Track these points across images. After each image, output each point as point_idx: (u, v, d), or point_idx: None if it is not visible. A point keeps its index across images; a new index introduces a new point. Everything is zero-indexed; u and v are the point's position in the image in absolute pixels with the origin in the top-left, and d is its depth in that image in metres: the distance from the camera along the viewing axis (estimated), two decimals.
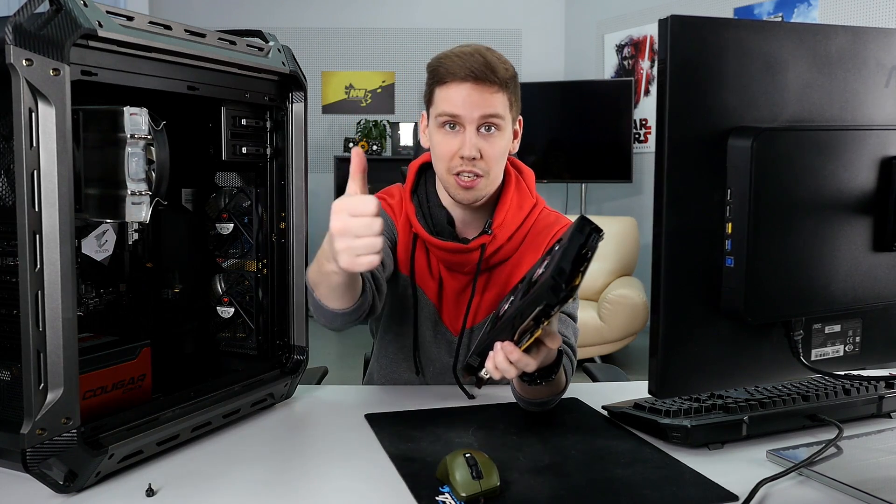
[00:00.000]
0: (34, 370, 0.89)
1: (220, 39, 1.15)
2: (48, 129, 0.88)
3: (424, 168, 1.49)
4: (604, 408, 1.29)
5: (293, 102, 1.32)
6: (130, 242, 1.28)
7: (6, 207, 0.99)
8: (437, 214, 1.43)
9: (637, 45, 5.28)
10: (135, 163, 1.05)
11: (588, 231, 0.92)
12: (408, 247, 1.44)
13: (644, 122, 5.25)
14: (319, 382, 1.62)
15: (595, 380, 1.68)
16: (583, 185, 5.36)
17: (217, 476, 1.04)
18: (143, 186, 1.07)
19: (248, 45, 1.20)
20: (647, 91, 5.24)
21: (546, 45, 5.93)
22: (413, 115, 5.87)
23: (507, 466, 1.04)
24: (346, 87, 5.99)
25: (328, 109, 5.99)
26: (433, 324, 1.47)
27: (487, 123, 1.31)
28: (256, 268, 1.38)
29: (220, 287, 1.42)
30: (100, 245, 1.22)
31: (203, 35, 1.11)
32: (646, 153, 5.21)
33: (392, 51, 5.95)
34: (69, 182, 0.90)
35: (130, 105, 1.05)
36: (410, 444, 1.14)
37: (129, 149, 1.04)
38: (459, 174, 1.32)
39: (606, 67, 5.49)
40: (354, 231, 0.95)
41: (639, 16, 5.23)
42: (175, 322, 1.39)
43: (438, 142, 1.34)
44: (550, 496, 0.97)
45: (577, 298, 1.35)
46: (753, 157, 0.80)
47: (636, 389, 1.39)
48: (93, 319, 1.22)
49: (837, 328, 0.93)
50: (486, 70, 1.28)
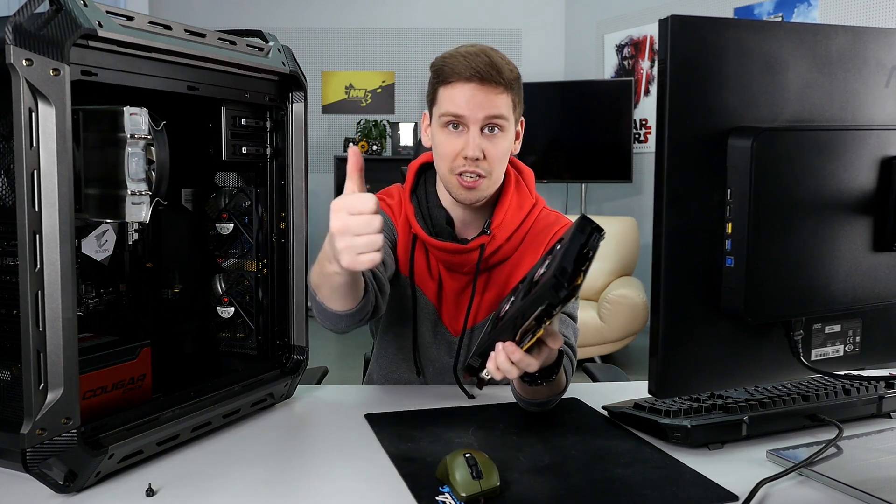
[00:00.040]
0: (34, 370, 0.89)
1: (220, 39, 1.15)
2: (48, 129, 0.87)
3: (424, 168, 1.48)
4: (604, 408, 1.29)
5: (293, 102, 1.32)
6: (130, 242, 1.28)
7: (6, 207, 0.99)
8: (437, 215, 1.43)
9: (637, 45, 5.28)
10: (135, 163, 1.05)
11: (589, 230, 0.92)
12: (407, 247, 1.44)
13: (644, 122, 5.25)
14: (319, 382, 1.62)
15: (595, 380, 1.68)
16: (583, 185, 5.36)
17: (217, 476, 1.04)
18: (143, 186, 1.07)
19: (248, 45, 1.20)
20: (647, 91, 5.24)
21: (546, 45, 5.93)
22: (413, 115, 5.87)
23: (507, 466, 1.04)
24: (346, 87, 5.99)
25: (328, 109, 5.99)
26: (433, 324, 1.47)
27: (491, 124, 1.31)
28: (256, 268, 1.38)
29: (220, 287, 1.42)
30: (100, 245, 1.22)
31: (203, 35, 1.11)
32: (646, 153, 5.22)
33: (392, 51, 5.95)
34: (69, 182, 0.90)
35: (130, 105, 1.05)
36: (410, 444, 1.14)
37: (129, 149, 1.04)
38: (462, 174, 1.32)
39: (606, 67, 5.49)
40: (354, 229, 0.95)
41: (639, 16, 5.23)
42: (175, 322, 1.39)
43: (441, 142, 1.34)
44: (550, 496, 0.97)
45: (578, 298, 1.35)
46: (753, 157, 0.80)
47: (636, 389, 1.39)
48: (93, 319, 1.22)
49: (837, 328, 0.93)
50: (492, 70, 1.28)
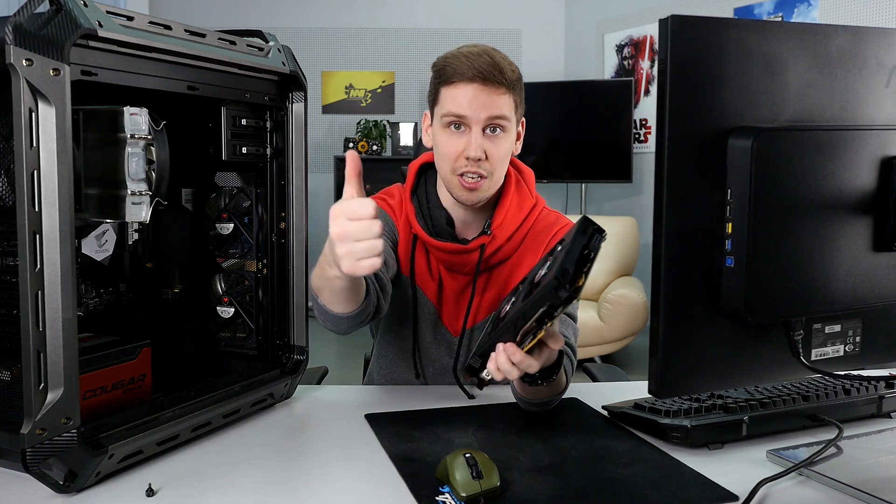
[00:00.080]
0: (34, 370, 0.89)
1: (220, 39, 1.15)
2: (48, 129, 0.87)
3: (424, 168, 1.48)
4: (604, 408, 1.29)
5: (293, 102, 1.32)
6: (130, 242, 1.28)
7: (6, 207, 0.99)
8: (437, 215, 1.43)
9: (637, 45, 5.28)
10: (135, 163, 1.05)
11: (591, 231, 0.92)
12: (408, 247, 1.44)
13: (644, 122, 5.25)
14: (319, 382, 1.62)
15: (595, 380, 1.68)
16: (583, 185, 5.36)
17: (217, 476, 1.04)
18: (143, 186, 1.07)
19: (248, 45, 1.20)
20: (647, 91, 5.24)
21: (546, 45, 5.93)
22: (413, 115, 5.87)
23: (507, 466, 1.04)
24: (346, 87, 5.99)
25: (328, 109, 5.99)
26: (433, 324, 1.47)
27: (493, 125, 1.30)
28: (256, 268, 1.38)
29: (220, 287, 1.42)
30: (100, 245, 1.22)
31: (203, 35, 1.11)
32: (646, 153, 5.22)
33: (392, 51, 5.95)
34: (69, 182, 0.90)
35: (130, 105, 1.05)
36: (410, 444, 1.14)
37: (129, 149, 1.04)
38: (464, 175, 1.32)
39: (606, 67, 5.49)
40: (354, 235, 0.94)
41: (639, 16, 5.23)
42: (175, 322, 1.39)
43: (443, 142, 1.34)
44: (550, 496, 0.97)
45: (578, 298, 1.35)
46: (753, 157, 0.80)
47: (636, 389, 1.39)
48: (93, 319, 1.22)
49: (837, 328, 0.93)
50: (494, 71, 1.28)
